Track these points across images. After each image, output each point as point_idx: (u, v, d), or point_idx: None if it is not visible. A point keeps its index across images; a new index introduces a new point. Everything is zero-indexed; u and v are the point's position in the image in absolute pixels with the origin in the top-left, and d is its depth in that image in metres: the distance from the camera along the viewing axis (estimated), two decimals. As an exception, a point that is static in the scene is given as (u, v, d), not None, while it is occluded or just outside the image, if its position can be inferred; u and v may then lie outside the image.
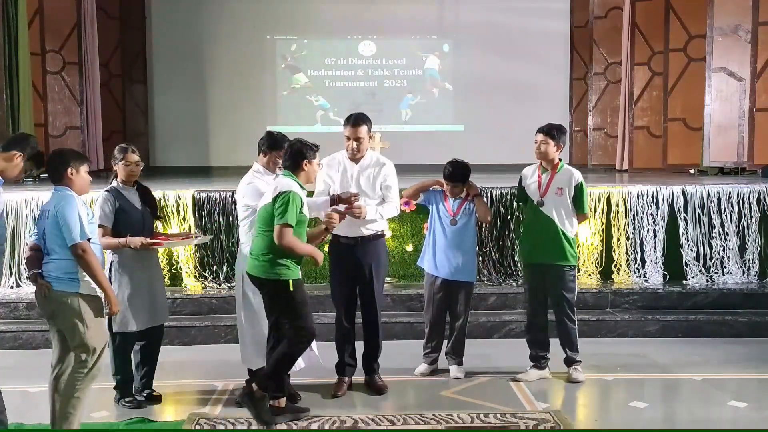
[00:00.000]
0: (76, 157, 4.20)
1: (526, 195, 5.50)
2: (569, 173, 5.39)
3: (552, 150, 5.35)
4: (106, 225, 4.73)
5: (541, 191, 5.36)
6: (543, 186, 5.36)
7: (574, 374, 5.38)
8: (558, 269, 5.35)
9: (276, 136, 4.95)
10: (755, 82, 9.57)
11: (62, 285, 4.03)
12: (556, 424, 4.52)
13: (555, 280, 5.38)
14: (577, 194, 5.35)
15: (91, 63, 11.60)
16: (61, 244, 3.99)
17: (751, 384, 5.50)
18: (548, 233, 5.33)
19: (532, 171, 5.51)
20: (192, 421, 4.59)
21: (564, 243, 5.32)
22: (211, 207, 7.15)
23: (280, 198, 4.38)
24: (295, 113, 13.51)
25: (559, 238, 5.31)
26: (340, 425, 4.53)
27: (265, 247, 4.44)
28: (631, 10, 11.75)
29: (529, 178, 5.49)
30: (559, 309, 5.42)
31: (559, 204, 5.33)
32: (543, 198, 5.35)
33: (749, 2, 9.58)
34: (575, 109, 13.56)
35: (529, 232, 5.55)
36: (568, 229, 5.36)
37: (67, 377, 4.09)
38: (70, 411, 4.07)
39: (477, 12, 13.49)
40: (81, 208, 4.03)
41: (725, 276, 7.25)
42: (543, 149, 5.35)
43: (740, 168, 9.93)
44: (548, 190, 5.34)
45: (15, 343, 6.34)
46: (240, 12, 13.42)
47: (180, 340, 6.43)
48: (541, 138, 5.37)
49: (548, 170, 5.39)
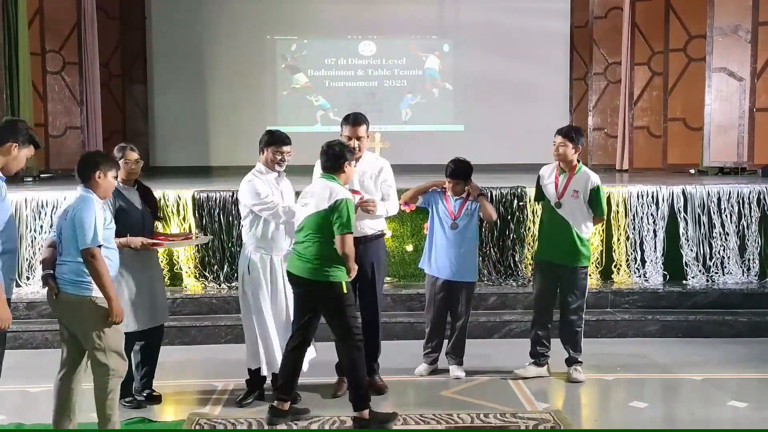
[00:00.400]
0: (106, 161, 4.20)
1: (543, 194, 5.52)
2: (586, 176, 5.40)
3: (570, 152, 5.36)
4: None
5: (558, 193, 5.37)
6: (560, 188, 5.37)
7: (574, 374, 5.38)
8: (570, 270, 5.38)
9: (275, 132, 4.95)
10: (755, 82, 9.57)
11: (75, 288, 4.02)
12: (556, 424, 4.52)
13: (566, 281, 5.40)
14: (593, 197, 5.37)
15: (91, 63, 11.60)
16: (76, 247, 3.98)
17: (751, 384, 5.50)
18: (563, 234, 5.35)
19: (550, 171, 5.52)
20: (192, 421, 4.59)
21: (578, 245, 5.34)
22: (211, 207, 7.15)
23: (338, 206, 4.40)
24: (295, 113, 13.50)
25: (573, 239, 5.33)
26: (340, 425, 4.54)
27: (320, 252, 4.46)
28: (631, 10, 11.75)
29: (547, 178, 5.50)
30: (568, 309, 5.43)
31: (574, 206, 5.34)
32: (560, 200, 5.36)
33: (749, 2, 9.58)
34: (575, 109, 13.54)
35: (544, 231, 5.56)
36: (583, 231, 5.38)
37: (96, 381, 4.11)
38: (109, 412, 4.11)
39: (477, 12, 13.48)
40: (99, 213, 4.02)
41: (725, 276, 7.25)
42: (561, 151, 5.36)
43: (740, 168, 9.93)
44: (565, 192, 5.35)
45: (15, 343, 6.33)
46: (240, 12, 13.42)
47: (180, 340, 6.43)
48: (560, 140, 5.37)
49: (566, 172, 5.40)
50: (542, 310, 5.51)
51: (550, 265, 5.45)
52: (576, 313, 5.42)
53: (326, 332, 5.67)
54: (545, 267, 5.49)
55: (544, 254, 5.51)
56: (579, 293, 5.41)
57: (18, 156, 4.02)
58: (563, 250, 5.36)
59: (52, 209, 7.01)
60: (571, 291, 5.40)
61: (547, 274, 5.48)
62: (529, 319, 6.51)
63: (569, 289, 5.40)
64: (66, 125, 11.26)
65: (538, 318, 5.53)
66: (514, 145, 13.02)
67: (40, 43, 10.83)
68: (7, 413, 4.69)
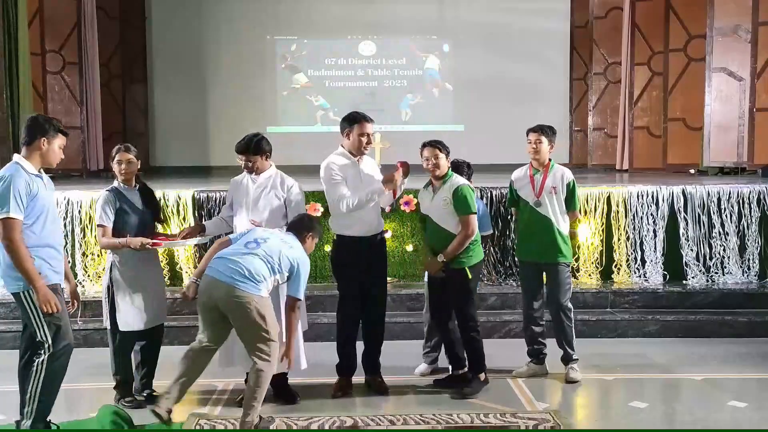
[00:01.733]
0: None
1: (517, 198, 5.54)
2: (561, 171, 5.44)
3: (546, 148, 5.40)
4: (107, 225, 4.74)
5: (536, 191, 5.38)
6: (537, 186, 5.39)
7: (571, 373, 5.39)
8: (554, 267, 5.40)
9: None
10: (755, 82, 9.57)
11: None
12: (556, 424, 4.52)
13: (551, 278, 5.43)
14: (570, 192, 5.40)
15: (91, 63, 11.61)
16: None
17: (751, 384, 5.50)
18: (545, 232, 5.37)
19: (523, 173, 5.53)
20: (192, 422, 4.59)
21: (560, 241, 5.38)
22: (211, 207, 7.15)
23: (460, 191, 4.95)
24: (295, 113, 13.51)
25: (555, 236, 5.36)
26: (341, 425, 4.53)
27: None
28: (631, 10, 11.75)
29: (521, 181, 5.53)
30: (555, 306, 5.45)
31: (554, 202, 5.38)
32: (539, 198, 5.37)
33: (749, 2, 9.57)
34: (575, 109, 13.56)
35: (525, 232, 5.56)
36: (563, 227, 5.41)
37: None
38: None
39: (477, 12, 13.49)
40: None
41: (725, 276, 7.25)
42: (538, 147, 5.38)
43: (740, 168, 9.93)
44: (543, 189, 5.37)
45: (15, 343, 6.28)
46: (240, 12, 13.42)
47: (180, 340, 6.41)
48: (535, 137, 5.41)
49: (540, 170, 5.42)
50: (531, 309, 5.53)
51: (533, 265, 5.48)
52: (564, 309, 5.43)
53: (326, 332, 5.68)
54: (529, 267, 5.52)
55: (527, 254, 5.52)
56: (565, 288, 5.43)
57: (51, 149, 4.16)
58: (547, 248, 5.38)
59: (52, 209, 7.00)
60: (557, 287, 5.41)
61: (532, 273, 5.51)
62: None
63: (555, 285, 5.42)
64: (66, 125, 11.13)
65: (528, 317, 5.56)
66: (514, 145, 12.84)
67: (40, 43, 10.83)
68: (7, 413, 4.68)
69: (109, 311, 4.83)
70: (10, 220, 3.93)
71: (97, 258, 7.00)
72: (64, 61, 11.21)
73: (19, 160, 4.10)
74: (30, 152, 4.13)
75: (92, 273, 7.00)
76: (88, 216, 7.02)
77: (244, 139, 4.93)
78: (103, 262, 6.57)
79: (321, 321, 6.27)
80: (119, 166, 4.86)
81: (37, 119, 4.23)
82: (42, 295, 3.99)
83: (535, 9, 13.43)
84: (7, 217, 3.93)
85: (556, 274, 5.41)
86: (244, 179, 5.01)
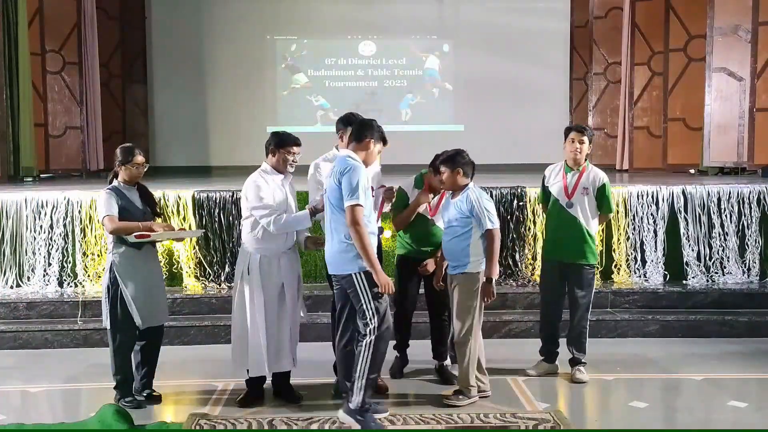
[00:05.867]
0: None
1: (548, 195, 5.51)
2: (594, 173, 5.41)
3: (587, 149, 5.39)
4: (114, 214, 4.76)
5: (568, 192, 5.36)
6: (570, 187, 5.36)
7: (577, 374, 5.38)
8: (579, 268, 5.38)
9: (283, 134, 4.92)
10: (755, 82, 9.56)
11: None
12: (556, 424, 4.52)
13: (574, 279, 5.40)
14: (601, 194, 5.37)
15: (91, 63, 11.61)
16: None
17: (751, 384, 5.50)
18: (573, 233, 5.34)
19: (556, 171, 5.50)
20: (192, 421, 4.59)
21: (588, 242, 5.35)
22: (211, 207, 7.14)
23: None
24: (295, 113, 13.52)
25: (584, 237, 5.34)
26: (340, 425, 4.53)
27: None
28: (631, 10, 11.75)
29: (553, 178, 5.49)
30: (576, 308, 5.43)
31: (584, 204, 5.35)
32: (571, 199, 5.35)
33: (749, 2, 9.56)
34: (575, 109, 13.56)
35: (553, 231, 5.54)
36: (592, 228, 5.39)
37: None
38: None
39: (477, 12, 13.50)
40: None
41: (725, 276, 7.25)
42: (581, 147, 5.36)
43: (740, 168, 9.93)
44: (575, 190, 5.34)
45: (15, 343, 6.34)
46: (240, 12, 13.43)
47: (180, 340, 6.43)
48: (579, 136, 5.38)
49: (573, 170, 5.39)
50: (551, 308, 5.51)
51: (558, 263, 5.45)
52: (584, 311, 5.42)
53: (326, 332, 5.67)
54: (553, 266, 5.48)
55: (553, 253, 5.49)
56: (588, 291, 5.42)
57: (133, 169, 4.84)
58: (573, 248, 5.35)
59: (52, 209, 7.02)
60: (580, 289, 5.40)
61: (556, 272, 5.48)
62: (530, 319, 6.53)
63: (578, 286, 5.40)
64: (66, 125, 11.26)
65: (547, 316, 5.54)
66: (514, 145, 13.04)
67: (40, 43, 10.83)
68: (7, 413, 4.69)
69: (109, 311, 4.82)
70: (359, 207, 4.29)
71: (97, 258, 6.99)
72: (64, 61, 11.21)
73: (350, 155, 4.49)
74: (358, 149, 4.56)
75: (92, 273, 7.00)
76: (88, 216, 7.02)
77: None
78: (103, 262, 6.57)
79: (321, 321, 6.26)
80: (136, 169, 4.89)
81: (371, 123, 4.73)
82: (383, 278, 4.33)
83: (535, 9, 13.44)
84: (357, 204, 4.28)
85: (579, 276, 5.39)
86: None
